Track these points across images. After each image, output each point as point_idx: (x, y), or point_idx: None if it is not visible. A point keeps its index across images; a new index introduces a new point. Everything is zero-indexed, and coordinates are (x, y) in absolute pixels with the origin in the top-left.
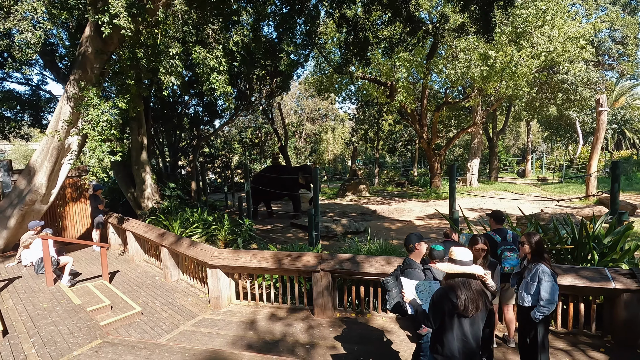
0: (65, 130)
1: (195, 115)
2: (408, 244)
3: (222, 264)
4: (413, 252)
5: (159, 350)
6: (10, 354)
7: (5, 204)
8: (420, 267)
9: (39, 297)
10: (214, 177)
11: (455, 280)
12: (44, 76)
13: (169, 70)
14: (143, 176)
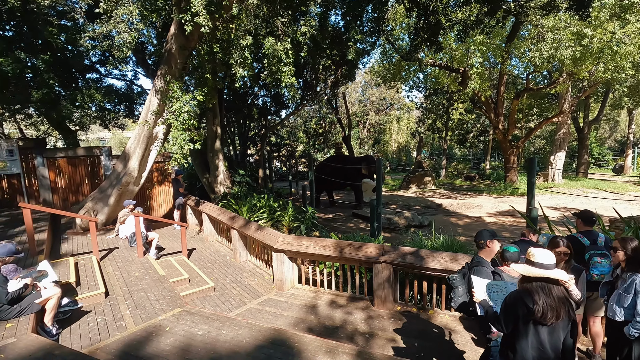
0: (153, 120)
1: (263, 105)
2: (479, 240)
3: (286, 249)
4: (483, 249)
5: (229, 324)
6: (111, 312)
7: (107, 184)
8: (490, 267)
9: (132, 266)
10: (279, 166)
11: (532, 285)
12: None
13: (240, 62)
14: (216, 163)
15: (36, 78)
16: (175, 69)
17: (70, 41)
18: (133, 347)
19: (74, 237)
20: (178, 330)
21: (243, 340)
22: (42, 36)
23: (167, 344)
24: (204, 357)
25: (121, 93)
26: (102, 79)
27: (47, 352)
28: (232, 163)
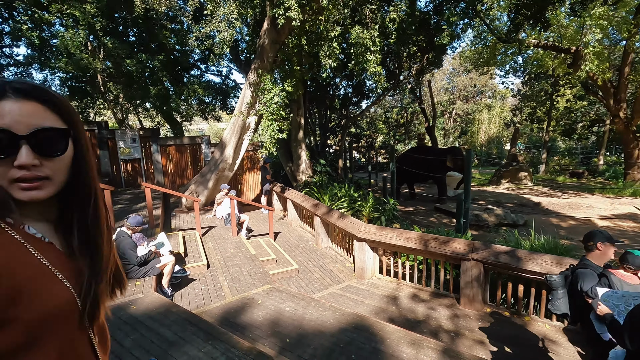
0: (247, 111)
1: (344, 96)
2: (588, 241)
3: (368, 238)
4: (593, 251)
5: (314, 304)
6: (212, 282)
7: (206, 169)
8: (597, 270)
9: (227, 243)
10: (358, 157)
11: None
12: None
13: (328, 53)
14: (299, 153)
15: (152, 76)
16: (266, 62)
17: (180, 42)
18: (231, 315)
19: (180, 214)
20: (268, 305)
21: (327, 321)
22: (158, 39)
23: (259, 315)
24: (292, 332)
25: (217, 87)
26: (202, 75)
27: (167, 308)
28: (313, 153)
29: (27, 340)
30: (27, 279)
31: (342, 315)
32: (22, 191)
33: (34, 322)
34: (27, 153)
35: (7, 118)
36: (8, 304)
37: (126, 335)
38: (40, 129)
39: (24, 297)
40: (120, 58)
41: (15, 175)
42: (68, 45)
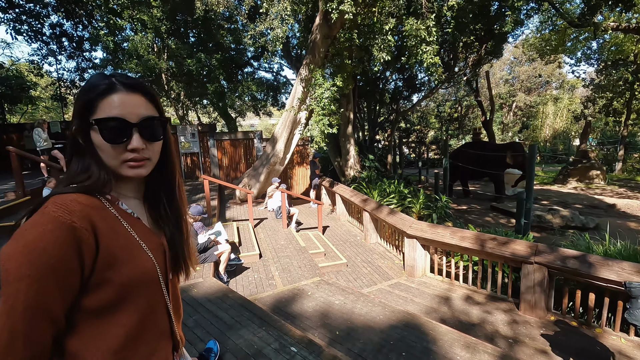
0: (298, 106)
1: (395, 90)
2: None
3: (419, 235)
4: None
5: (363, 299)
6: (264, 271)
7: (258, 163)
8: None
9: (278, 235)
10: (408, 152)
11: None
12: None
13: (382, 46)
14: (348, 148)
15: (210, 75)
16: (318, 57)
17: (235, 41)
18: (282, 304)
19: (234, 206)
20: (318, 297)
21: (377, 317)
22: (215, 39)
23: (309, 306)
24: (341, 324)
25: (269, 84)
26: (255, 72)
27: (224, 293)
28: (362, 148)
29: (117, 299)
30: (120, 248)
31: (392, 312)
32: (130, 169)
33: (124, 284)
34: (137, 138)
35: (121, 109)
36: (106, 268)
37: (189, 315)
38: (146, 117)
39: (117, 262)
40: (182, 58)
41: (128, 157)
42: (137, 47)
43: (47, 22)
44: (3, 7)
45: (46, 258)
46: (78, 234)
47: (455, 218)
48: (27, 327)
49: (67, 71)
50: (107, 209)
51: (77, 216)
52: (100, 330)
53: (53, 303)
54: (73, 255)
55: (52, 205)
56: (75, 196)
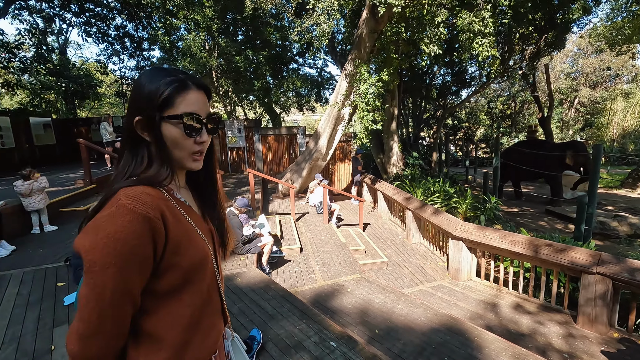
0: (342, 102)
1: (442, 85)
2: None
3: (465, 237)
4: None
5: (404, 299)
6: (304, 265)
7: (301, 158)
8: None
9: (319, 230)
10: (454, 150)
11: None
12: (325, 60)
13: (432, 39)
14: (391, 144)
15: (257, 71)
16: (364, 52)
17: (282, 38)
18: (322, 298)
19: (276, 199)
20: (358, 294)
21: (418, 318)
22: (263, 36)
23: (349, 302)
24: (380, 323)
25: (313, 80)
26: (299, 68)
27: (266, 284)
28: (406, 145)
29: (183, 282)
30: (182, 234)
31: (434, 314)
32: (194, 162)
33: (187, 268)
34: (205, 133)
35: (196, 105)
36: (173, 253)
37: (233, 303)
38: (211, 114)
39: (182, 248)
40: (231, 55)
41: (195, 149)
42: (190, 46)
43: (112, 24)
44: (76, 12)
45: (128, 247)
46: (152, 224)
47: (505, 221)
48: (115, 310)
49: (128, 69)
50: (168, 200)
51: (150, 207)
52: (170, 310)
53: (135, 287)
54: (149, 243)
55: (125, 198)
56: (142, 188)
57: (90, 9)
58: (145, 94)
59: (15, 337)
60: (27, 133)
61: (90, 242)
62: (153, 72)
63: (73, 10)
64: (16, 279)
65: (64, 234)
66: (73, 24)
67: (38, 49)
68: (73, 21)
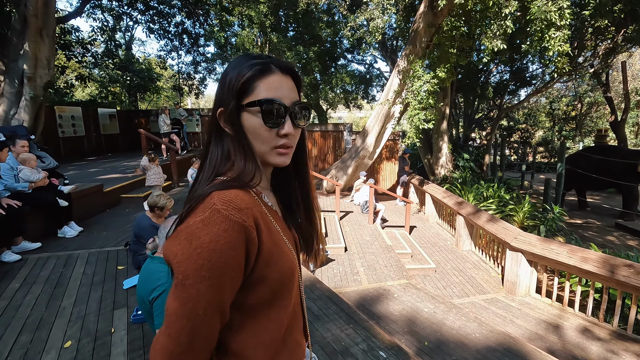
0: (393, 99)
1: (499, 83)
2: None
3: (525, 249)
4: None
5: (455, 311)
6: (349, 265)
7: (347, 156)
8: None
9: (364, 230)
10: (508, 153)
11: None
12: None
13: (497, 33)
14: (440, 145)
15: (306, 67)
16: (419, 47)
17: (333, 33)
18: (366, 302)
19: (320, 196)
20: (405, 300)
21: (471, 334)
22: (314, 32)
23: (395, 309)
24: (430, 335)
25: (361, 76)
26: (348, 64)
27: (312, 282)
28: (456, 146)
29: (271, 296)
30: (273, 244)
31: (489, 331)
32: (279, 156)
33: (276, 280)
34: (289, 123)
35: (279, 91)
36: (265, 265)
37: None
38: (297, 102)
39: (273, 259)
40: (282, 51)
41: (279, 142)
42: (244, 42)
43: (172, 21)
44: (141, 10)
45: (224, 259)
46: (248, 233)
47: (568, 233)
48: (206, 327)
49: (185, 64)
50: (259, 204)
51: (246, 215)
52: (256, 326)
53: (227, 302)
54: (243, 254)
55: (220, 202)
56: (236, 192)
57: (154, 6)
58: (226, 81)
59: (80, 315)
60: (95, 123)
61: (183, 251)
62: (238, 58)
63: (139, 8)
64: (82, 259)
65: (123, 218)
66: (138, 21)
67: (108, 45)
68: (138, 19)
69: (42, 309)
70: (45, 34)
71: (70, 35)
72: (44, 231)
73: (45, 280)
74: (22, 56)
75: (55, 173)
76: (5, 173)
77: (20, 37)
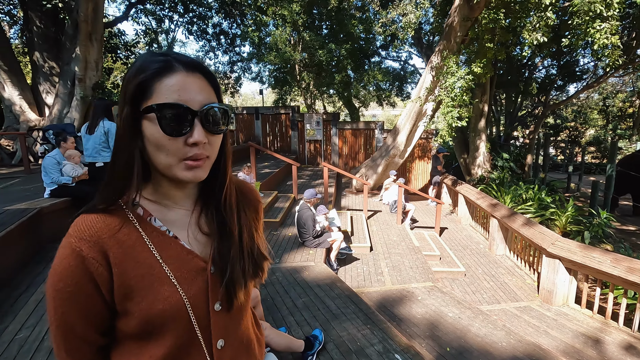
0: (425, 96)
1: (545, 78)
2: None
3: (564, 256)
4: None
5: (482, 318)
6: (373, 265)
7: (378, 154)
8: None
9: (391, 230)
10: (554, 153)
11: None
12: (410, 53)
13: (537, 25)
14: (477, 144)
15: (338, 65)
16: (453, 42)
17: (365, 30)
18: (389, 303)
19: (349, 194)
20: (429, 304)
21: (498, 342)
22: (346, 29)
23: (418, 312)
24: (453, 341)
25: (395, 73)
26: (382, 61)
27: (333, 281)
28: (495, 145)
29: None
30: (138, 278)
31: (518, 341)
32: (188, 170)
33: (143, 319)
34: (199, 130)
35: (181, 93)
36: (123, 299)
37: (298, 296)
38: (210, 105)
39: (135, 295)
40: (314, 49)
41: (187, 153)
42: (277, 41)
43: (210, 22)
44: (181, 13)
45: (62, 284)
46: (86, 263)
47: (617, 241)
48: (63, 341)
49: (221, 64)
50: (130, 228)
51: (87, 244)
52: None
53: (77, 324)
54: (86, 282)
55: (72, 228)
56: (95, 217)
57: (193, 9)
58: (127, 82)
59: None
60: None
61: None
62: (140, 56)
63: (179, 10)
64: None
65: None
66: (179, 23)
67: (150, 47)
68: (179, 21)
69: None
70: (94, 38)
71: (116, 38)
72: None
73: None
74: (74, 59)
75: None
76: (52, 167)
77: (72, 42)
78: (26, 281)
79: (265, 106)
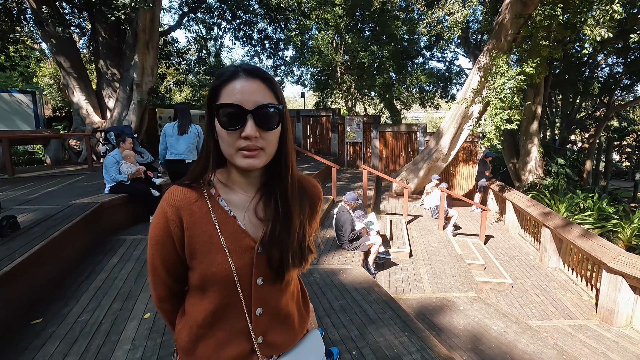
0: (471, 98)
1: (608, 77)
2: None
3: (628, 273)
4: None
5: (530, 333)
6: (412, 271)
7: (419, 158)
8: None
9: (432, 236)
10: (618, 159)
11: None
12: (456, 53)
13: (601, 20)
14: (529, 148)
15: (380, 67)
16: (504, 41)
17: (409, 31)
18: (428, 311)
19: (389, 198)
20: (471, 315)
21: None
22: (389, 30)
23: (459, 323)
24: (497, 356)
25: (439, 74)
26: (426, 62)
27: (370, 285)
28: (548, 149)
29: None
30: (200, 244)
31: None
32: (244, 159)
33: (201, 274)
34: (251, 125)
35: (239, 95)
36: (190, 257)
37: (335, 298)
38: (261, 105)
39: (196, 256)
40: (356, 52)
41: (241, 144)
42: (319, 44)
43: (255, 28)
44: (229, 19)
45: (153, 234)
46: (169, 223)
47: None
48: (151, 275)
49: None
50: (202, 203)
51: (171, 208)
52: (196, 300)
53: (158, 266)
54: (167, 237)
55: (166, 194)
56: (181, 189)
57: (240, 15)
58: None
59: None
60: None
61: None
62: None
63: (227, 18)
64: None
65: None
66: (226, 30)
67: (199, 53)
68: (227, 28)
69: (131, 283)
70: (150, 46)
71: (170, 46)
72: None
73: (137, 259)
74: (133, 66)
75: (150, 167)
76: (112, 166)
77: (132, 50)
78: (88, 269)
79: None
